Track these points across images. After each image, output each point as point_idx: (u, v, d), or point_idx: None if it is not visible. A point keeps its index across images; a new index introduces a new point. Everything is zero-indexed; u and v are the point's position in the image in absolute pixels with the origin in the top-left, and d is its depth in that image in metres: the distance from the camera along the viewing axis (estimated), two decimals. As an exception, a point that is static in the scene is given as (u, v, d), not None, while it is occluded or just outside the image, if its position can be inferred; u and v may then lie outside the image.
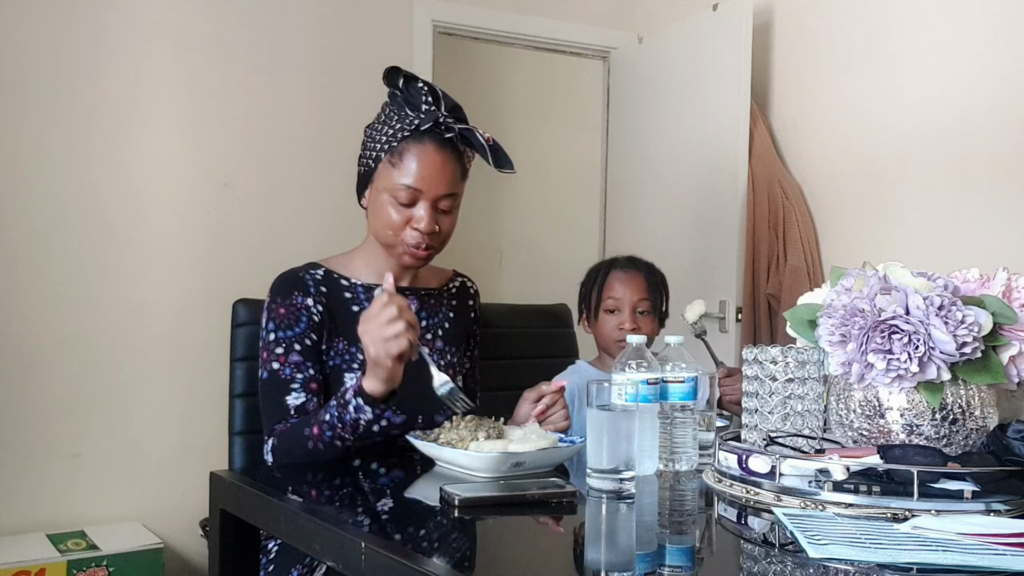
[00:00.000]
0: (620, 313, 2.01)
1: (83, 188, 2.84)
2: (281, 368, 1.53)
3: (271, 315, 1.57)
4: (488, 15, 3.56)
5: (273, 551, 1.55)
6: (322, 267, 1.64)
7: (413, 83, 1.59)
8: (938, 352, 1.12)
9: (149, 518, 2.87)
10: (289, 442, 1.49)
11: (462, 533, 1.11)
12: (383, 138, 1.58)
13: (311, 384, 1.54)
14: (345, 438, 1.44)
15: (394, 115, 1.59)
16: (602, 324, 2.04)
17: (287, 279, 1.60)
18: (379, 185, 1.58)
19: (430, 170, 1.54)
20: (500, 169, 1.58)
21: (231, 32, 3.06)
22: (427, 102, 1.57)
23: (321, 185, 3.17)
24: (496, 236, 4.41)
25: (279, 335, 1.55)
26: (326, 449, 1.45)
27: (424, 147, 1.55)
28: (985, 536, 0.95)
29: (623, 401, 1.24)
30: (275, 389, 1.53)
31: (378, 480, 1.43)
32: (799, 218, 3.12)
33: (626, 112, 3.79)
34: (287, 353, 1.54)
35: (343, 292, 1.62)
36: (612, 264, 2.07)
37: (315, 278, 1.61)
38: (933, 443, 1.16)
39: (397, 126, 1.57)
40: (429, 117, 1.55)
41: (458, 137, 1.57)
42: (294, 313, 1.56)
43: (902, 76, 2.85)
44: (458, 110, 1.61)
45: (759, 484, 1.17)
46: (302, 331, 1.55)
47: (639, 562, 0.99)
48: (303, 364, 1.54)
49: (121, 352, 2.88)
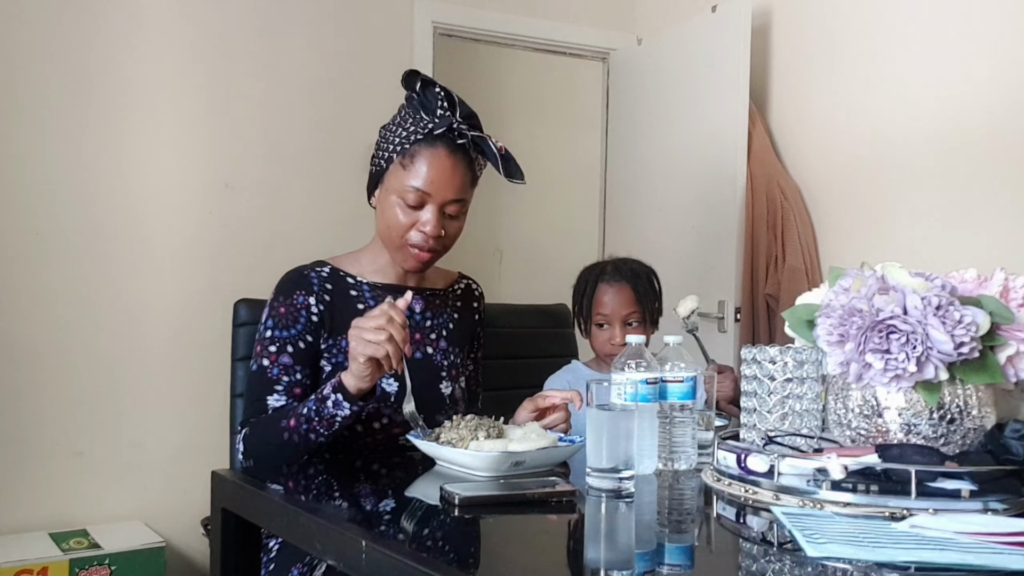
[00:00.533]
0: (610, 328, 2.01)
1: (84, 188, 2.84)
2: (270, 367, 1.54)
3: (271, 312, 1.58)
4: (488, 16, 3.57)
5: (274, 550, 1.56)
6: (328, 265, 1.65)
7: (430, 87, 1.59)
8: (936, 352, 1.12)
9: (151, 517, 2.88)
10: (264, 432, 1.49)
11: (462, 532, 1.12)
12: (396, 139, 1.58)
13: (295, 389, 1.54)
14: (320, 433, 1.43)
15: (409, 117, 1.59)
16: (594, 337, 2.05)
17: (291, 278, 1.61)
18: (389, 186, 1.59)
19: (440, 174, 1.54)
20: (510, 179, 1.58)
21: (232, 33, 3.06)
22: (442, 107, 1.57)
23: (322, 185, 3.17)
24: (496, 236, 4.41)
25: (275, 333, 1.56)
26: (300, 442, 1.44)
27: (436, 151, 1.55)
28: (982, 535, 0.96)
29: (622, 400, 1.25)
30: (259, 385, 1.54)
31: (379, 479, 1.43)
32: (797, 218, 3.13)
33: (625, 113, 3.79)
34: (279, 353, 1.55)
35: (349, 290, 1.62)
36: (599, 277, 2.04)
37: (320, 276, 1.61)
38: (931, 442, 1.17)
39: (411, 128, 1.57)
40: (443, 122, 1.55)
41: (470, 144, 1.57)
42: (293, 313, 1.57)
43: (900, 77, 2.85)
44: (473, 118, 1.60)
45: (758, 483, 1.17)
46: (298, 333, 1.56)
47: (638, 561, 0.99)
48: (291, 367, 1.55)
49: (123, 352, 2.89)
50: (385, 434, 1.56)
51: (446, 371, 1.66)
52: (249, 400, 1.57)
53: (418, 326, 1.66)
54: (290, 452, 1.45)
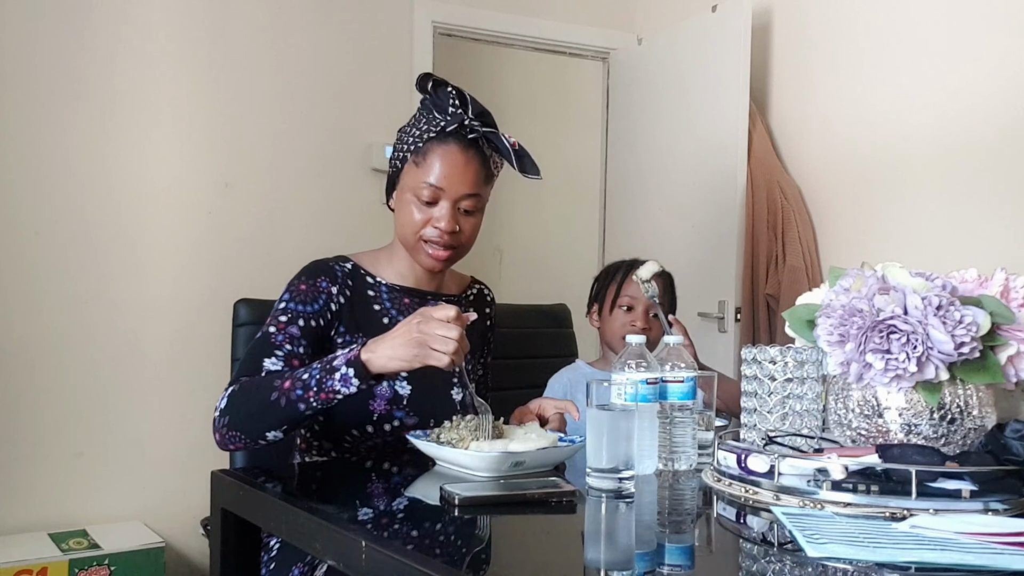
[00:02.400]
0: (634, 312, 2.05)
1: (84, 188, 2.84)
2: (276, 333, 1.50)
3: (290, 288, 1.56)
4: (488, 16, 3.57)
5: (274, 550, 1.56)
6: (351, 261, 1.64)
7: (442, 87, 1.59)
8: (936, 352, 1.12)
9: (151, 517, 2.88)
10: (252, 389, 1.43)
11: (462, 532, 1.11)
12: (410, 139, 1.59)
13: (293, 360, 1.49)
14: (311, 404, 1.38)
15: (423, 118, 1.60)
16: (614, 319, 2.07)
17: (318, 265, 1.60)
18: (404, 185, 1.59)
19: (452, 169, 1.54)
20: (525, 174, 1.57)
21: (232, 33, 3.06)
22: (454, 105, 1.57)
23: (323, 185, 3.17)
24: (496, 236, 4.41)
25: (289, 306, 1.53)
26: (286, 407, 1.38)
27: (448, 147, 1.55)
28: (983, 535, 0.96)
29: (623, 401, 1.25)
30: (260, 348, 1.50)
31: (379, 479, 1.43)
32: (798, 218, 3.13)
33: (625, 113, 3.79)
34: (288, 324, 1.51)
35: (367, 289, 1.62)
36: (632, 266, 2.08)
37: (344, 270, 1.61)
38: (931, 443, 1.17)
39: (424, 127, 1.58)
40: (455, 119, 1.55)
41: (483, 141, 1.57)
42: (313, 293, 1.55)
43: (901, 77, 2.85)
44: (486, 115, 1.60)
45: (758, 483, 1.17)
46: (313, 311, 1.53)
47: (639, 561, 0.99)
48: (298, 339, 1.51)
49: (123, 352, 2.89)
50: (395, 436, 1.55)
51: (457, 377, 1.65)
52: (245, 360, 1.51)
53: None
54: (270, 417, 1.39)
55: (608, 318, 2.08)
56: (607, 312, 2.09)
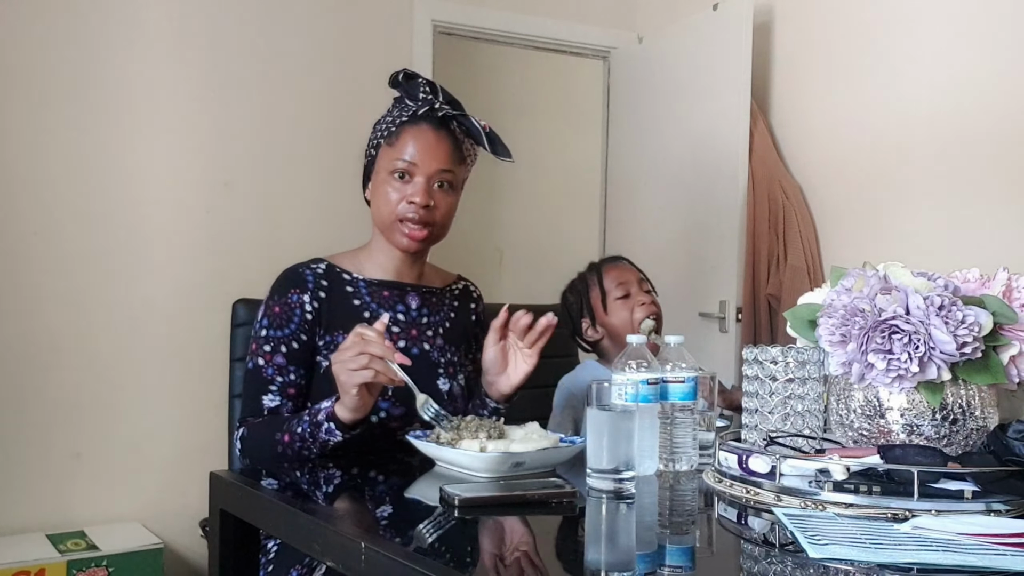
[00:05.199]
0: (632, 296, 2.05)
1: (83, 188, 2.84)
2: (265, 366, 1.57)
3: (267, 311, 1.61)
4: (488, 15, 3.56)
5: (273, 551, 1.56)
6: (325, 261, 1.67)
7: (413, 79, 1.66)
8: (938, 352, 1.12)
9: (149, 518, 2.87)
10: (259, 440, 1.52)
11: (462, 533, 1.11)
12: (383, 127, 1.65)
13: (289, 389, 1.57)
14: (313, 452, 1.46)
15: (395, 108, 1.66)
16: (617, 312, 2.05)
17: (287, 276, 1.63)
18: (379, 168, 1.64)
19: (424, 145, 1.59)
20: (497, 156, 1.62)
21: (231, 31, 3.06)
22: (425, 92, 1.64)
23: (321, 184, 3.17)
24: (496, 236, 4.41)
25: (270, 333, 1.58)
26: (294, 456, 1.48)
27: (419, 127, 1.61)
28: (985, 536, 0.95)
29: (623, 401, 1.24)
30: (254, 384, 1.58)
31: (378, 480, 1.43)
32: (799, 218, 3.12)
33: (626, 112, 3.79)
34: (273, 353, 1.57)
35: (344, 286, 1.64)
36: (597, 267, 2.12)
37: (316, 272, 1.63)
38: (933, 443, 1.16)
39: (396, 114, 1.64)
40: (425, 103, 1.61)
41: (454, 123, 1.62)
42: (287, 312, 1.59)
43: (902, 76, 2.85)
44: (455, 103, 1.66)
45: (759, 484, 1.17)
46: (291, 332, 1.58)
47: (639, 562, 0.98)
48: (285, 368, 1.57)
49: (121, 352, 2.88)
50: (382, 428, 1.56)
51: (443, 368, 1.66)
52: (245, 397, 1.60)
53: (414, 322, 1.66)
54: (285, 461, 1.49)
55: (609, 318, 2.07)
56: (604, 314, 2.07)
